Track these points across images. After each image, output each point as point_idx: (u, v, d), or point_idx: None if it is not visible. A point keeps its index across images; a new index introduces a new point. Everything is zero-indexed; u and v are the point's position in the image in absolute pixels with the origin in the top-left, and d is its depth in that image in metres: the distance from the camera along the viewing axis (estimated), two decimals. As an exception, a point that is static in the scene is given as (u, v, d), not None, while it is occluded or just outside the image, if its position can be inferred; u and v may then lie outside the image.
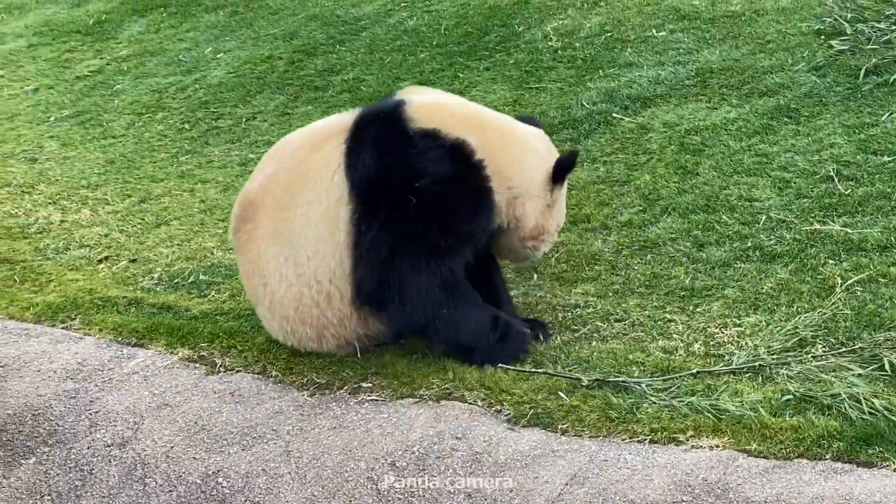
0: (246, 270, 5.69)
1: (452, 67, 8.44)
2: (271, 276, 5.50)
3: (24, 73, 10.08)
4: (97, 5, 11.28)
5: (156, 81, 9.42)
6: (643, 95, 7.37)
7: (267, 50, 9.42)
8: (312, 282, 5.42)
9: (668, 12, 8.40)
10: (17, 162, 8.45)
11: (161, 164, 8.16)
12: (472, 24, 8.95)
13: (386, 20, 9.41)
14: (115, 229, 7.35)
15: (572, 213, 6.48)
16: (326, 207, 5.38)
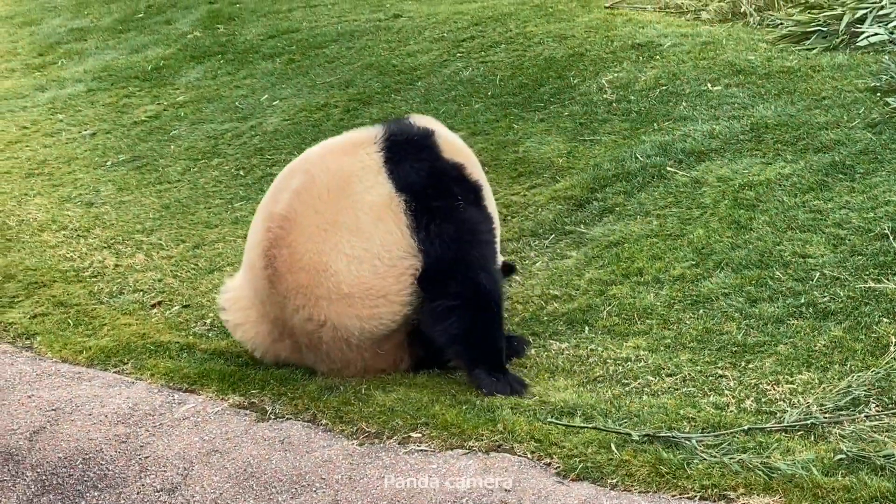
0: (294, 283, 5.84)
1: (507, 118, 8.46)
2: (337, 261, 5.85)
3: (83, 118, 10.17)
4: (156, 51, 11.38)
5: (212, 127, 9.49)
6: (697, 149, 7.36)
7: (322, 98, 9.47)
8: (382, 253, 5.88)
9: (724, 67, 8.40)
10: (74, 206, 8.52)
11: (215, 210, 8.21)
12: (528, 76, 8.98)
13: (441, 70, 9.45)
14: (169, 274, 7.39)
15: (624, 267, 6.47)
16: (376, 197, 5.95)
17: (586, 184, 7.41)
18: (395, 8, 11.25)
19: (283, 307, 5.92)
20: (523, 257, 6.98)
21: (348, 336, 5.88)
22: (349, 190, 5.97)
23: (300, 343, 5.98)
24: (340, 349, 5.94)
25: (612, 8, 10.13)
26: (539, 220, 7.26)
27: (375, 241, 5.88)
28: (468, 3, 10.95)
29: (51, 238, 8.01)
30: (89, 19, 12.89)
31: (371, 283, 5.86)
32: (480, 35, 9.94)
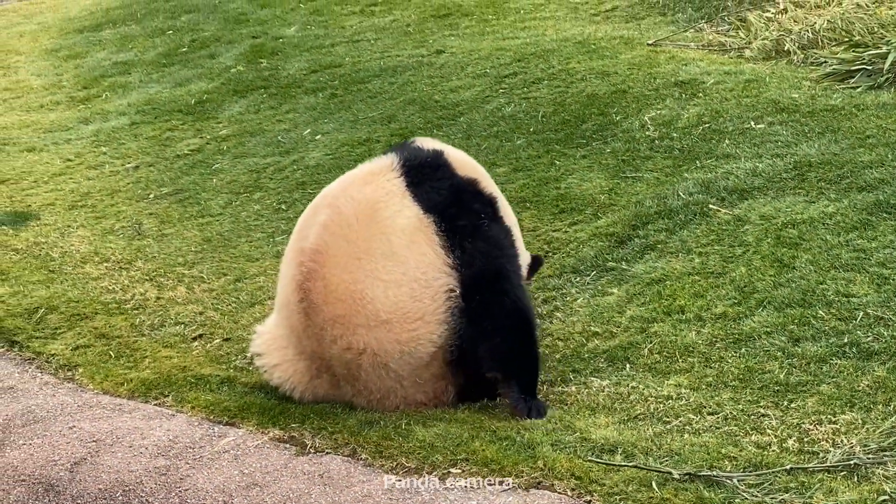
0: (331, 314, 5.89)
1: (549, 154, 8.46)
2: (374, 288, 5.91)
3: (126, 151, 10.23)
4: (199, 85, 11.44)
5: (254, 161, 9.52)
6: (740, 187, 7.34)
7: (365, 133, 9.50)
8: (418, 275, 5.96)
9: (767, 105, 8.38)
10: (116, 238, 8.57)
11: (257, 244, 8.23)
12: (570, 112, 8.98)
13: (484, 106, 9.46)
14: (210, 307, 7.41)
15: (666, 305, 6.45)
16: (406, 220, 6.07)
17: (628, 221, 7.39)
18: (437, 44, 11.27)
19: (321, 339, 5.93)
20: (564, 294, 6.96)
21: (388, 361, 5.89)
22: (377, 216, 6.06)
23: (338, 376, 5.99)
24: (380, 377, 5.94)
25: (655, 45, 10.13)
26: (581, 256, 7.25)
27: (410, 263, 5.96)
28: (511, 40, 10.97)
29: (93, 270, 8.05)
30: (134, 53, 12.97)
31: (409, 306, 5.92)
32: (523, 71, 9.94)
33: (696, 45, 10.10)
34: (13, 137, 10.87)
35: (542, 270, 7.20)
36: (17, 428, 6.12)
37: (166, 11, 14.48)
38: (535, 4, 12.34)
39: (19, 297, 7.64)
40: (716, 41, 10.09)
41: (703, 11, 11.04)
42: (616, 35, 10.61)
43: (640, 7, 11.65)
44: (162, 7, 14.78)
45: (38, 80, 12.64)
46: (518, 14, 12.03)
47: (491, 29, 11.57)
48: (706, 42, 10.12)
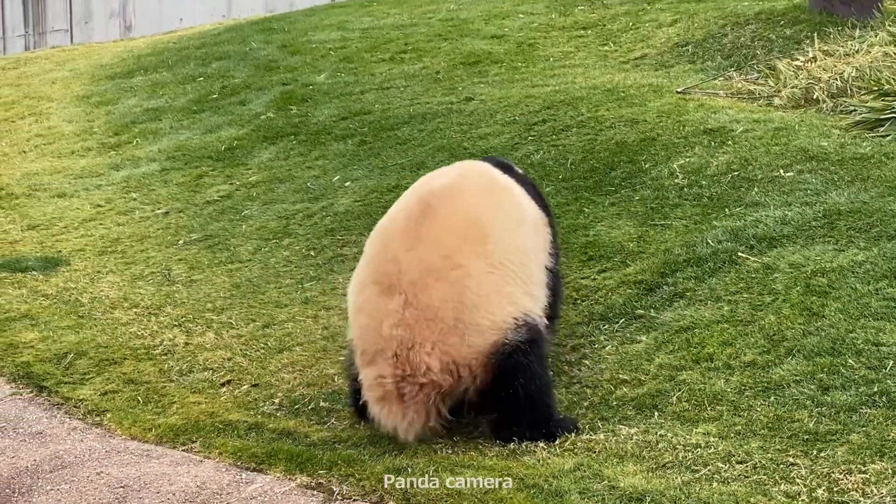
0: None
1: (578, 202, 8.46)
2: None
3: (156, 197, 10.28)
4: (229, 132, 11.50)
5: (283, 208, 9.55)
6: (769, 235, 7.32)
7: (394, 179, 9.52)
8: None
9: (796, 153, 8.37)
10: (146, 283, 8.59)
11: (286, 290, 8.24)
12: (599, 160, 8.99)
13: (513, 153, 9.48)
14: (239, 353, 7.42)
15: (695, 352, 6.43)
16: (533, 226, 6.50)
17: (657, 268, 7.38)
18: (467, 91, 11.31)
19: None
20: (593, 341, 6.96)
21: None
22: (498, 226, 6.29)
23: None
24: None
25: (684, 93, 10.14)
26: (609, 304, 7.24)
27: (536, 278, 6.38)
28: (540, 87, 10.99)
29: (122, 315, 8.08)
30: (164, 99, 13.04)
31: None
32: (552, 119, 9.96)
33: (725, 92, 10.11)
34: (44, 183, 10.93)
35: (570, 318, 7.20)
36: (45, 473, 6.13)
37: (197, 58, 14.56)
38: (564, 52, 12.37)
39: (49, 342, 7.67)
40: (745, 89, 10.09)
41: (732, 59, 11.05)
42: (645, 83, 10.63)
43: (670, 55, 11.66)
44: (193, 54, 14.87)
45: (69, 127, 12.71)
46: (547, 62, 12.06)
47: (520, 76, 11.60)
48: (735, 90, 10.13)
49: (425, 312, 5.98)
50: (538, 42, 12.87)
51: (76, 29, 23.54)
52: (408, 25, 14.35)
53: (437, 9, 15.21)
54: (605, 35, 12.70)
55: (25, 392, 7.22)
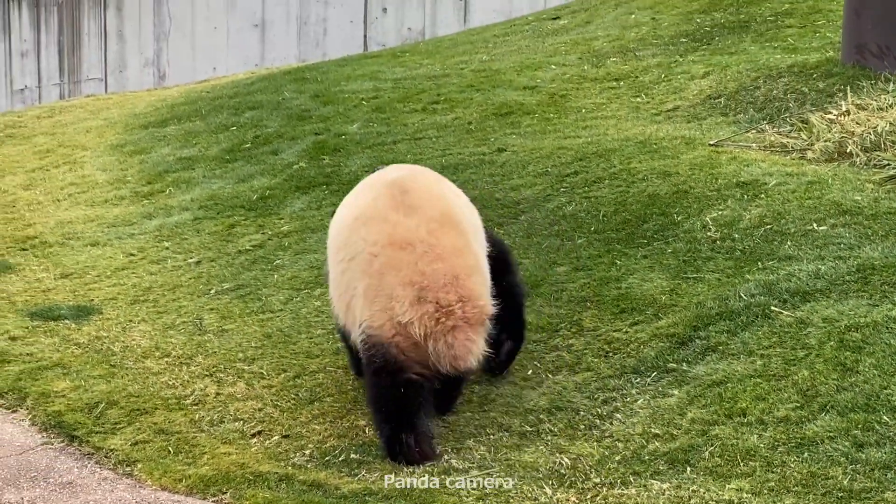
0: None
1: (610, 254, 8.45)
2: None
3: (188, 246, 10.30)
4: (262, 181, 11.52)
5: (315, 258, 9.56)
6: (802, 289, 7.30)
7: (426, 230, 9.51)
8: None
9: (830, 207, 8.35)
10: (177, 333, 8.60)
11: (317, 341, 8.24)
12: (631, 212, 8.98)
13: (545, 205, 9.48)
14: (270, 404, 7.42)
15: (727, 407, 6.40)
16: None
17: (689, 321, 7.36)
18: (499, 142, 11.32)
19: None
20: (625, 394, 6.94)
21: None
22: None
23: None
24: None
25: (717, 146, 10.13)
26: (641, 357, 7.22)
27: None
28: (572, 139, 11.00)
29: (154, 365, 8.09)
30: (197, 149, 13.09)
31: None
32: (584, 170, 9.97)
33: (757, 145, 10.09)
34: (78, 232, 10.98)
35: (602, 370, 7.18)
36: (75, 523, 6.13)
37: (230, 108, 14.63)
38: (596, 104, 12.38)
39: (80, 391, 7.68)
40: (777, 142, 10.07)
41: (764, 112, 11.04)
42: (677, 135, 10.62)
43: (702, 107, 11.66)
44: (226, 104, 14.94)
45: (103, 175, 12.77)
46: (579, 113, 12.07)
47: (552, 128, 11.61)
48: (768, 143, 10.11)
49: (452, 251, 6.65)
50: (570, 93, 12.89)
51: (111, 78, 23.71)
52: (440, 76, 14.39)
53: (470, 60, 15.25)
54: (637, 87, 12.71)
55: (56, 441, 7.23)
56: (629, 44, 14.27)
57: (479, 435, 6.85)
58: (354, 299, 6.81)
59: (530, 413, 6.97)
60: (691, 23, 14.79)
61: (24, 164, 13.64)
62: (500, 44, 16.25)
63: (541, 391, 7.17)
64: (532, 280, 8.32)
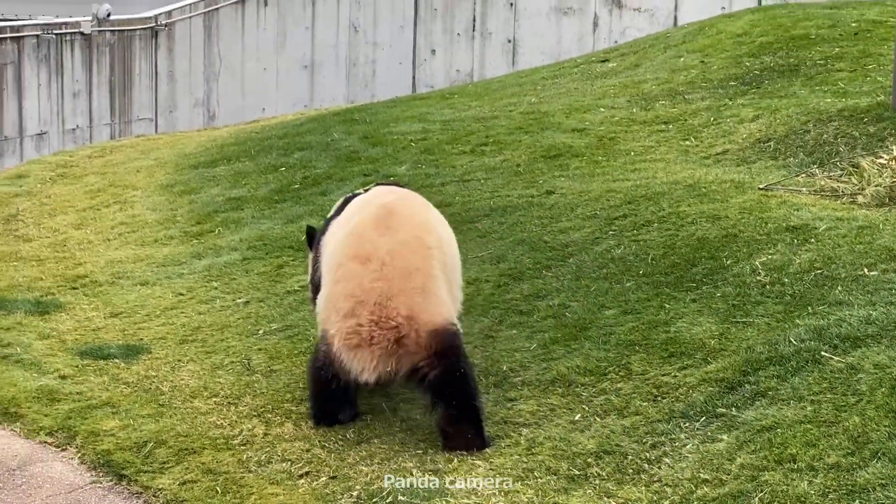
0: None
1: (658, 297, 8.43)
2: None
3: (237, 286, 10.34)
4: (310, 222, 11.55)
5: (363, 299, 9.56)
6: (853, 335, 7.25)
7: (474, 272, 9.52)
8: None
9: (881, 252, 8.30)
10: (226, 373, 8.62)
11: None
12: (680, 256, 8.96)
13: (593, 248, 9.47)
14: (317, 444, 7.42)
15: (777, 453, 6.36)
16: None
17: (738, 366, 7.33)
18: (547, 184, 11.33)
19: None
20: (673, 439, 6.90)
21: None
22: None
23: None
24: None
25: (766, 190, 10.10)
26: (690, 401, 7.19)
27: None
28: (621, 181, 11.00)
29: (202, 405, 8.11)
30: (246, 189, 13.16)
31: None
32: (633, 213, 9.96)
33: (807, 190, 10.06)
34: (127, 271, 11.04)
35: (650, 414, 7.15)
36: (123, 562, 6.15)
37: (279, 149, 14.71)
38: (645, 147, 12.39)
39: (129, 430, 7.71)
40: (828, 186, 10.04)
41: (814, 156, 11.01)
42: (727, 179, 10.61)
43: (751, 151, 11.65)
44: (275, 144, 15.03)
45: (153, 215, 12.86)
46: (628, 156, 12.08)
47: (601, 170, 11.62)
48: (818, 187, 10.08)
49: (401, 271, 7.26)
50: (619, 136, 12.90)
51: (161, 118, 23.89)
52: (489, 118, 14.43)
53: (518, 102, 15.29)
54: (686, 130, 12.71)
55: (105, 480, 7.26)
56: (678, 87, 14.28)
57: (527, 478, 6.83)
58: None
59: (578, 457, 6.94)
60: (741, 66, 14.80)
61: (76, 203, 13.75)
62: (548, 86, 16.30)
63: (589, 434, 7.14)
64: (580, 323, 8.30)
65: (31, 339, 9.43)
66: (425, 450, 7.19)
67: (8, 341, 9.33)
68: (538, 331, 8.41)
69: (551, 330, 8.34)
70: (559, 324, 8.40)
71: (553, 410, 7.49)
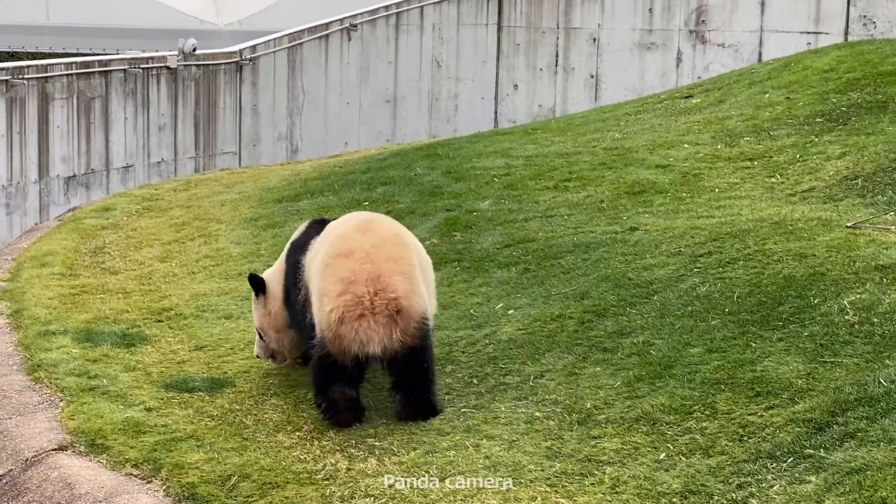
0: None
1: (744, 336, 8.36)
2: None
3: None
4: (394, 257, 11.57)
5: (446, 334, 9.57)
6: (945, 376, 7.16)
7: (557, 309, 9.50)
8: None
9: (972, 291, 8.20)
10: (309, 407, 8.64)
11: (448, 418, 8.23)
12: (766, 294, 8.88)
13: (677, 285, 9.42)
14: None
15: (867, 496, 6.27)
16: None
17: (827, 407, 7.24)
18: (631, 221, 11.29)
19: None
20: (760, 480, 6.82)
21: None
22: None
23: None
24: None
25: (854, 228, 10.01)
26: (777, 442, 7.11)
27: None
28: (706, 218, 10.93)
29: (286, 439, 8.13)
30: (330, 223, 13.21)
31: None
32: (718, 251, 9.89)
33: (896, 228, 9.96)
34: (212, 304, 11.11)
35: (736, 454, 7.08)
36: None
37: (363, 183, 14.77)
38: (730, 183, 12.32)
39: (213, 463, 7.73)
40: (918, 224, 9.94)
41: (903, 194, 10.90)
42: (813, 216, 10.52)
43: (838, 188, 11.55)
44: (358, 179, 15.08)
45: (237, 249, 12.94)
46: (713, 193, 12.01)
47: (685, 207, 11.56)
48: (907, 225, 9.97)
49: (386, 258, 8.03)
50: (703, 172, 12.84)
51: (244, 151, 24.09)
52: (572, 153, 14.41)
53: (601, 137, 15.27)
54: (771, 167, 12.63)
55: (190, 513, 7.29)
56: (763, 123, 14.20)
57: (612, 517, 6.78)
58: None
59: (663, 496, 6.88)
60: (827, 103, 14.69)
61: (161, 236, 13.87)
62: (631, 122, 16.26)
63: (674, 474, 7.08)
64: (665, 361, 8.25)
65: (118, 371, 9.51)
66: (508, 487, 7.14)
67: (95, 373, 9.41)
68: (622, 368, 8.36)
69: (636, 367, 8.29)
70: (643, 361, 8.35)
71: (637, 449, 7.43)
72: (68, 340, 10.20)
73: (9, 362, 9.86)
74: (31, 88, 20.61)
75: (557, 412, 8.02)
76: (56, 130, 21.10)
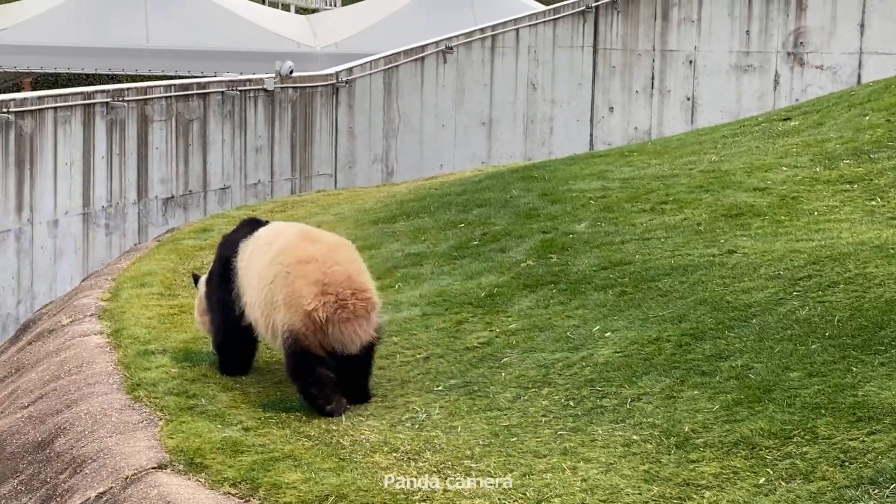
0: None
1: (845, 360, 8.26)
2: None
3: (416, 342, 10.38)
4: (489, 278, 11.59)
5: (543, 357, 9.56)
6: None
7: (654, 332, 9.45)
8: None
9: None
10: (405, 428, 8.66)
11: (544, 440, 8.21)
12: (867, 318, 8.77)
13: (776, 308, 9.33)
14: (497, 502, 7.40)
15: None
16: None
17: (930, 433, 7.14)
18: (729, 243, 11.20)
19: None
20: (861, 506, 6.75)
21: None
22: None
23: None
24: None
25: (957, 251, 9.87)
26: (879, 468, 7.02)
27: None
28: (804, 241, 10.83)
29: (382, 460, 8.14)
30: (426, 245, 13.24)
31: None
32: (818, 274, 9.80)
33: None
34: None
35: (837, 479, 6.99)
36: None
37: (458, 205, 14.78)
38: (829, 206, 12.19)
39: (310, 483, 7.77)
40: None
41: None
42: (915, 240, 10.38)
43: (941, 211, 11.39)
44: (454, 201, 15.10)
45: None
46: (811, 216, 11.89)
47: (784, 230, 11.45)
48: None
49: (345, 261, 9.07)
50: (802, 195, 12.71)
51: (340, 173, 24.23)
52: (668, 176, 14.33)
53: (699, 160, 15.17)
54: (871, 190, 12.48)
55: (287, 533, 7.32)
56: (863, 146, 14.04)
57: (710, 542, 6.73)
58: (276, 313, 8.98)
59: (763, 522, 6.82)
60: (928, 125, 14.49)
61: (258, 257, 13.95)
62: (728, 144, 16.15)
63: (773, 499, 7.01)
64: (764, 385, 8.17)
65: (216, 390, 9.58)
66: (606, 511, 7.12)
67: (194, 392, 9.49)
68: (721, 392, 8.29)
69: (734, 391, 8.22)
70: (742, 385, 8.27)
71: (736, 473, 7.37)
72: (167, 360, 10.30)
73: (109, 381, 9.97)
74: (131, 111, 20.90)
75: (655, 435, 7.97)
76: (155, 152, 21.38)
